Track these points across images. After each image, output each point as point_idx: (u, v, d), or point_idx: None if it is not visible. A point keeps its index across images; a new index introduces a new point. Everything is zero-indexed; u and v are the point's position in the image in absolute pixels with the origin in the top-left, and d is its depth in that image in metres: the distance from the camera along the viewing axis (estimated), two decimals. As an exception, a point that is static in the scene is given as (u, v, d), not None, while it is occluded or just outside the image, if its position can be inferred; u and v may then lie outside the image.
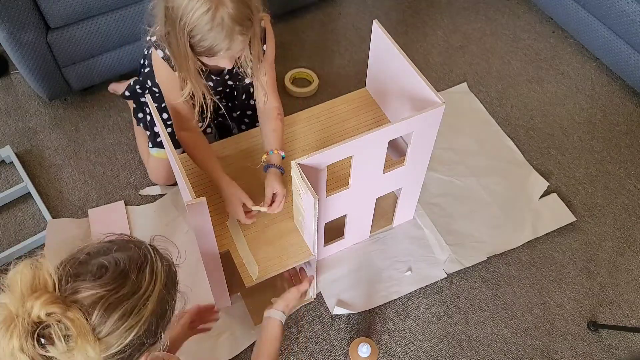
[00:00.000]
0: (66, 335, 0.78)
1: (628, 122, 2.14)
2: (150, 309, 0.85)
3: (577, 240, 1.86)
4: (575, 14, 2.22)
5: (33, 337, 0.77)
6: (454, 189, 1.96)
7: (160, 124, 1.42)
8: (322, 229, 1.61)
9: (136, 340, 0.84)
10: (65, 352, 0.78)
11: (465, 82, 2.25)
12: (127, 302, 0.83)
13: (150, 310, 0.85)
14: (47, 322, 0.78)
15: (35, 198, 1.91)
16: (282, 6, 2.34)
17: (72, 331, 0.78)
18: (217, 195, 1.64)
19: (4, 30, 1.80)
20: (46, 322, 0.78)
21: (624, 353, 1.67)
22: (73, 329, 0.78)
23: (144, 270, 0.87)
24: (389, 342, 1.68)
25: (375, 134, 1.37)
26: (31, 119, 2.13)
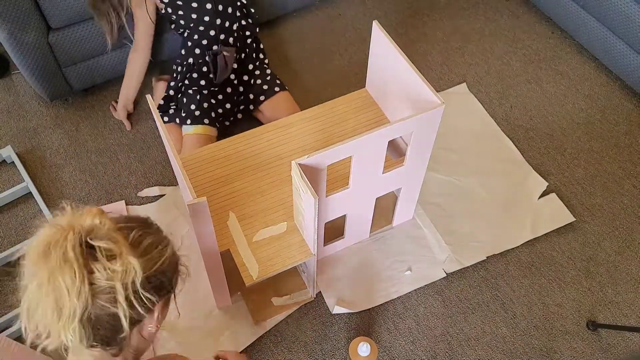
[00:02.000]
0: (109, 252, 0.87)
1: (627, 122, 2.14)
2: (169, 253, 0.97)
3: (576, 240, 1.87)
4: (574, 14, 2.23)
5: (82, 244, 0.87)
6: (453, 189, 1.96)
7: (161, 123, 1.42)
8: (322, 229, 1.61)
9: (159, 275, 0.94)
10: (108, 265, 0.86)
11: (465, 83, 2.25)
12: (153, 237, 0.96)
13: (169, 254, 0.97)
14: (94, 237, 0.87)
15: (36, 198, 1.91)
16: (282, 6, 2.34)
17: (114, 247, 0.87)
18: (217, 195, 1.65)
19: (5, 30, 1.80)
20: (93, 237, 0.87)
21: (622, 352, 1.67)
22: (115, 245, 0.88)
23: (160, 228, 1.01)
24: (388, 342, 1.69)
25: (375, 134, 1.37)
26: (32, 119, 2.13)
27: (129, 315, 0.89)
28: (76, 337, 0.87)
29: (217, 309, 1.71)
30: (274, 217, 1.61)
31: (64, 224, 0.88)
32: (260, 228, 1.59)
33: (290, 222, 1.60)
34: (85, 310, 0.86)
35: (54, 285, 0.85)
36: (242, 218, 1.61)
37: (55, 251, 0.85)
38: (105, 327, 0.90)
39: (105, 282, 0.86)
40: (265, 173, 1.69)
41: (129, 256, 0.88)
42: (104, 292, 0.87)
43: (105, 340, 0.92)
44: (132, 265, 0.88)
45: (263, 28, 2.40)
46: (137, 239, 0.93)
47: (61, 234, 0.86)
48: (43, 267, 0.86)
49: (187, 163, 1.70)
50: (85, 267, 0.85)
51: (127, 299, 0.88)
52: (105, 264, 0.86)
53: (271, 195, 1.65)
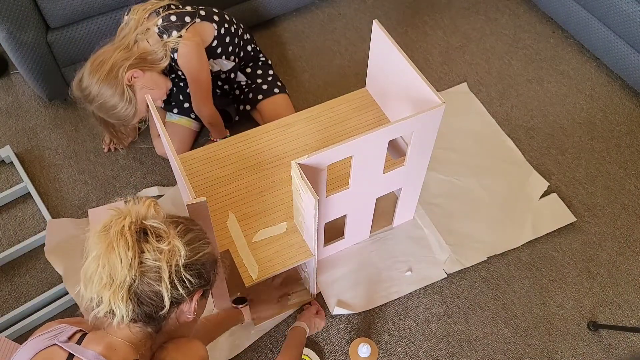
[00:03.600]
0: (159, 236, 1.00)
1: (628, 122, 2.14)
2: (210, 249, 1.09)
3: (577, 241, 1.86)
4: (575, 13, 2.22)
5: (137, 225, 0.99)
6: (454, 189, 1.96)
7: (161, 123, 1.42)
8: (322, 229, 1.61)
9: (199, 266, 1.05)
10: (156, 246, 0.98)
11: (465, 82, 2.25)
12: (197, 232, 1.08)
13: (209, 250, 1.08)
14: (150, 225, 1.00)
15: (35, 198, 1.91)
16: (282, 6, 2.34)
17: (163, 233, 1.00)
18: (216, 195, 1.64)
19: (4, 30, 1.79)
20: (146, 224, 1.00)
21: (624, 353, 1.67)
22: (164, 231, 1.00)
23: (203, 229, 1.13)
24: (389, 342, 1.68)
25: (375, 134, 1.37)
26: (31, 119, 2.13)
27: (170, 293, 0.99)
28: (123, 306, 0.97)
29: (217, 310, 1.70)
30: (274, 217, 1.61)
31: (121, 210, 1.02)
32: (260, 228, 1.59)
33: (290, 223, 1.60)
34: (134, 282, 0.97)
35: (109, 256, 0.96)
36: (241, 218, 1.60)
37: (114, 227, 0.98)
38: (149, 304, 1.00)
39: (152, 262, 0.98)
40: (265, 173, 1.68)
41: (175, 239, 1.00)
42: (151, 271, 0.98)
43: (147, 316, 1.01)
44: (178, 247, 0.99)
45: (263, 28, 2.40)
46: (183, 231, 1.05)
47: (120, 215, 1.00)
48: (103, 239, 0.98)
49: (186, 163, 1.69)
50: (137, 245, 0.97)
51: (170, 279, 0.99)
52: (154, 244, 0.98)
53: (271, 195, 1.64)
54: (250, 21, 2.31)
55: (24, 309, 1.68)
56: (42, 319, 1.68)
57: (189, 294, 1.03)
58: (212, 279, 1.11)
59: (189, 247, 1.03)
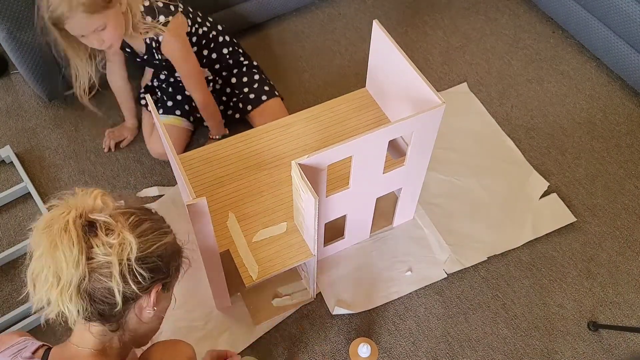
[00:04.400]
0: (108, 228, 0.95)
1: (628, 122, 2.14)
2: (169, 240, 1.03)
3: (577, 241, 1.86)
4: (575, 13, 2.22)
5: (82, 219, 0.94)
6: (454, 189, 1.95)
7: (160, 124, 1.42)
8: (322, 229, 1.61)
9: (155, 258, 0.99)
10: (106, 240, 0.93)
11: (466, 82, 2.25)
12: (152, 223, 1.02)
13: (168, 240, 1.03)
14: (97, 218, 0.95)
15: (35, 198, 1.91)
16: (282, 6, 2.34)
17: (113, 226, 0.94)
18: (216, 195, 1.64)
19: (4, 30, 1.79)
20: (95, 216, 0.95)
21: (624, 353, 1.67)
22: (115, 223, 0.95)
23: (163, 219, 1.08)
24: (389, 343, 1.68)
25: (375, 134, 1.37)
26: (31, 119, 2.13)
27: (122, 290, 0.94)
28: (72, 306, 0.93)
29: (217, 310, 1.70)
30: (274, 217, 1.61)
31: (68, 201, 0.96)
32: (260, 228, 1.59)
33: (290, 223, 1.60)
34: (83, 280, 0.92)
35: (53, 254, 0.91)
36: (241, 218, 1.60)
37: (57, 223, 0.92)
38: (102, 301, 0.95)
39: (102, 257, 0.93)
40: (265, 173, 1.68)
41: (126, 232, 0.95)
42: (101, 267, 0.93)
43: (101, 314, 0.97)
44: (128, 240, 0.94)
45: (263, 28, 2.40)
46: (136, 222, 0.99)
47: (65, 209, 0.94)
48: (45, 237, 0.93)
49: (186, 163, 1.69)
50: (85, 240, 0.93)
51: (121, 274, 0.94)
52: (103, 238, 0.93)
53: (271, 195, 1.64)
54: (250, 21, 2.31)
55: (24, 309, 1.68)
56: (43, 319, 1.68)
57: (144, 289, 0.98)
58: (173, 270, 1.06)
59: (142, 239, 0.98)
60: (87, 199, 0.97)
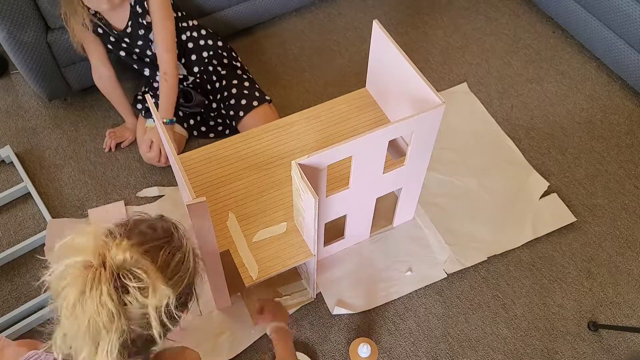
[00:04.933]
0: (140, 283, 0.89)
1: (628, 122, 2.14)
2: (192, 263, 1.00)
3: (577, 241, 1.86)
4: (575, 13, 2.22)
5: (116, 282, 0.88)
6: (454, 189, 1.95)
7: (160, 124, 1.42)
8: (322, 229, 1.61)
9: (186, 289, 0.98)
10: (140, 295, 0.88)
11: (466, 82, 2.25)
12: (179, 253, 0.97)
13: (192, 264, 1.00)
14: (123, 272, 0.88)
15: (35, 198, 1.91)
16: (282, 6, 2.34)
17: (144, 278, 0.88)
18: (217, 196, 1.64)
19: (4, 30, 1.79)
20: (124, 272, 0.88)
21: (624, 353, 1.67)
22: (145, 274, 0.89)
23: (178, 230, 1.02)
24: (389, 343, 1.68)
25: (375, 134, 1.37)
26: (31, 119, 2.13)
27: (161, 333, 0.93)
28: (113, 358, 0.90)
29: (217, 310, 1.70)
30: (274, 217, 1.61)
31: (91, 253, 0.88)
32: (260, 228, 1.59)
33: (290, 223, 1.60)
34: (121, 337, 0.89)
35: (93, 328, 0.87)
36: (242, 218, 1.60)
37: (91, 295, 0.86)
38: (139, 345, 0.94)
39: (139, 311, 0.90)
40: (265, 173, 1.68)
41: (161, 285, 0.90)
42: (138, 319, 0.90)
43: (136, 353, 0.96)
44: (164, 293, 0.91)
45: (263, 28, 2.40)
46: (165, 260, 0.95)
47: (95, 275, 0.87)
48: (79, 311, 0.87)
49: (186, 163, 1.69)
50: (120, 303, 0.88)
51: (160, 322, 0.91)
52: (137, 296, 0.89)
53: (271, 196, 1.64)
54: (250, 21, 2.31)
55: (24, 309, 1.68)
56: (43, 319, 1.68)
57: (177, 322, 0.98)
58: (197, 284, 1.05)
59: (175, 279, 0.95)
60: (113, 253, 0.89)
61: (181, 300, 0.97)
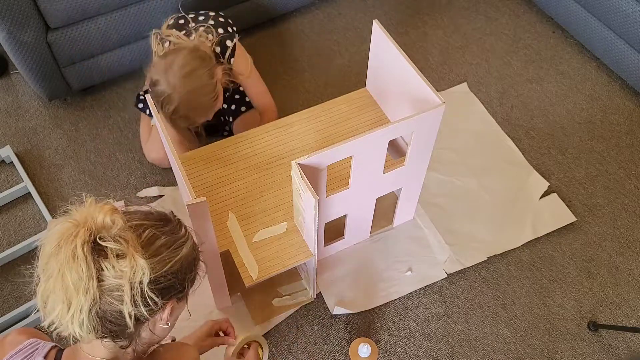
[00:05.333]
0: (119, 250, 0.88)
1: (628, 122, 2.14)
2: (184, 253, 0.98)
3: (577, 241, 1.86)
4: (575, 13, 2.22)
5: (93, 243, 0.88)
6: (454, 189, 1.95)
7: (160, 124, 1.42)
8: (322, 229, 1.61)
9: (169, 276, 0.95)
10: (116, 263, 0.88)
11: (466, 82, 2.25)
12: (168, 237, 0.96)
13: (184, 254, 0.97)
14: (105, 235, 0.89)
15: (35, 198, 1.91)
16: (282, 6, 2.34)
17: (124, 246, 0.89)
18: (217, 196, 1.64)
19: (4, 30, 1.79)
20: (104, 235, 0.89)
21: (624, 353, 1.67)
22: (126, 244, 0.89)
23: (180, 224, 1.02)
24: (389, 342, 1.68)
25: (375, 134, 1.37)
26: (31, 119, 2.13)
27: (133, 314, 0.91)
28: (84, 329, 0.90)
29: (217, 310, 1.70)
30: (274, 217, 1.61)
31: (78, 218, 0.90)
32: (260, 228, 1.59)
33: (290, 223, 1.60)
34: (93, 306, 0.89)
35: (62, 281, 0.88)
36: (242, 218, 1.60)
37: (65, 247, 0.87)
38: (113, 322, 0.92)
39: (113, 280, 0.89)
40: (265, 173, 1.68)
41: (137, 257, 0.89)
42: (113, 290, 0.89)
43: (113, 333, 0.94)
44: (140, 265, 0.89)
45: (263, 28, 2.40)
46: (149, 239, 0.94)
47: (73, 230, 0.88)
48: (53, 261, 0.88)
49: (186, 163, 1.69)
50: (94, 264, 0.88)
51: (132, 299, 0.90)
52: (114, 262, 0.88)
53: (271, 195, 1.64)
54: (250, 21, 2.31)
55: (24, 309, 1.68)
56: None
57: (158, 309, 0.95)
58: (188, 282, 1.02)
59: (156, 259, 0.93)
60: (96, 214, 0.91)
61: (160, 284, 0.94)
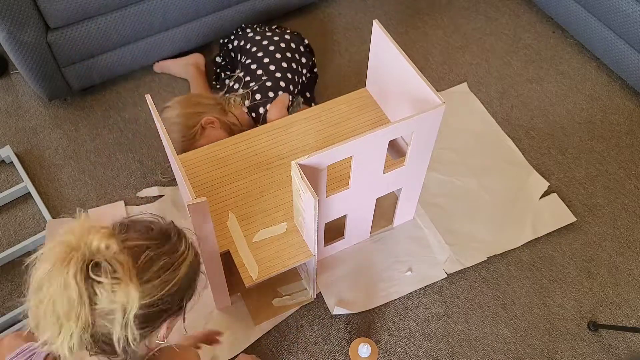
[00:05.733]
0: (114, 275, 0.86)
1: (628, 122, 2.14)
2: (183, 272, 0.95)
3: (577, 241, 1.86)
4: (575, 13, 2.22)
5: (87, 268, 0.86)
6: (454, 189, 1.96)
7: (160, 124, 1.42)
8: (322, 229, 1.61)
9: (166, 298, 0.93)
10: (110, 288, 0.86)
11: (466, 82, 2.25)
12: (167, 258, 0.93)
13: (182, 273, 0.95)
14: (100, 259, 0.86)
15: (35, 198, 1.91)
16: (282, 6, 2.34)
17: (119, 272, 0.86)
18: (217, 196, 1.64)
19: (4, 30, 1.79)
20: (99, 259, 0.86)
21: (624, 353, 1.67)
22: (121, 269, 0.86)
23: (181, 238, 0.99)
24: (389, 343, 1.68)
25: (375, 134, 1.37)
26: (31, 119, 2.13)
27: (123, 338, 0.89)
28: (74, 352, 0.88)
29: (217, 310, 1.70)
30: (274, 217, 1.61)
31: (72, 241, 0.87)
32: (260, 228, 1.59)
33: (290, 223, 1.60)
34: (86, 330, 0.87)
35: (52, 308, 0.86)
36: (241, 218, 1.60)
37: (57, 275, 0.85)
38: (107, 343, 0.91)
39: (107, 305, 0.87)
40: (265, 173, 1.69)
41: (132, 285, 0.87)
42: (107, 313, 0.87)
43: (107, 351, 0.93)
44: (133, 294, 0.87)
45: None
46: (146, 263, 0.91)
47: (66, 256, 0.86)
48: (45, 287, 0.87)
49: (186, 163, 1.69)
50: (88, 289, 0.86)
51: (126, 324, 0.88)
52: (108, 288, 0.86)
53: (271, 196, 1.64)
54: (250, 21, 2.31)
55: (24, 309, 1.68)
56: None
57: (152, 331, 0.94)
58: (187, 300, 1.00)
59: (153, 283, 0.91)
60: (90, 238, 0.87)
61: (157, 307, 0.92)
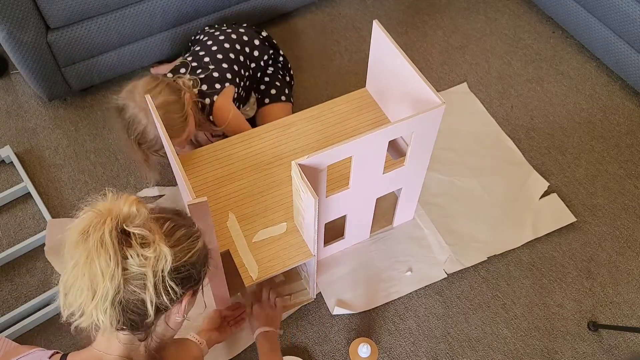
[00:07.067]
0: (143, 240, 0.92)
1: (628, 122, 2.14)
2: (200, 246, 1.02)
3: (577, 241, 1.86)
4: (575, 13, 2.22)
5: (118, 230, 0.91)
6: (454, 189, 1.95)
7: (160, 124, 1.42)
8: (322, 229, 1.61)
9: (188, 266, 0.98)
10: (141, 251, 0.91)
11: (466, 82, 2.25)
12: (186, 229, 1.00)
13: (200, 246, 1.01)
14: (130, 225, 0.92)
15: (35, 198, 1.91)
16: (282, 6, 2.34)
17: (149, 236, 0.92)
18: (217, 196, 1.64)
19: (4, 30, 1.79)
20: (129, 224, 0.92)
21: (624, 353, 1.67)
22: (150, 234, 0.92)
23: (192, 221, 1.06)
24: (389, 343, 1.68)
25: (375, 134, 1.37)
26: (31, 119, 2.13)
27: (155, 302, 0.93)
28: (107, 318, 0.92)
29: (217, 310, 1.70)
30: (274, 217, 1.61)
31: (103, 209, 0.93)
32: (260, 228, 1.59)
33: (290, 223, 1.60)
34: (117, 293, 0.91)
35: (90, 267, 0.90)
36: (241, 218, 1.60)
37: (93, 234, 0.90)
38: (134, 312, 0.94)
39: (137, 269, 0.91)
40: (265, 173, 1.68)
41: (162, 244, 0.93)
42: (136, 278, 0.92)
43: (133, 324, 0.96)
44: (164, 253, 0.92)
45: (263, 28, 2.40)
46: (170, 230, 0.98)
47: (100, 219, 0.91)
48: (81, 248, 0.91)
49: (186, 163, 1.69)
50: (120, 252, 0.90)
51: (155, 287, 0.92)
52: (138, 250, 0.91)
53: (271, 196, 1.64)
54: (250, 21, 2.31)
55: (24, 309, 1.68)
56: (42, 319, 1.68)
57: (177, 298, 0.98)
58: (203, 275, 1.05)
59: (177, 249, 0.97)
60: (121, 205, 0.94)
61: (181, 274, 0.97)
